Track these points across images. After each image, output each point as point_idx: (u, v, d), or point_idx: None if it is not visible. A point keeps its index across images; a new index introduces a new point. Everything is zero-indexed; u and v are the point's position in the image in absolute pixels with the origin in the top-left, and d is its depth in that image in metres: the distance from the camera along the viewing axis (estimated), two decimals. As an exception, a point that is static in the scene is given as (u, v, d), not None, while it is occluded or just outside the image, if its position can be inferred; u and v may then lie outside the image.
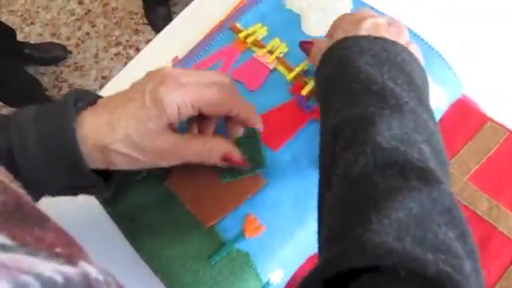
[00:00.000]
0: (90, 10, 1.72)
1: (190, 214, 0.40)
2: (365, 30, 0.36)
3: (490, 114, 0.46)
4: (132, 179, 0.42)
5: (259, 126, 0.40)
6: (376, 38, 0.35)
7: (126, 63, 1.57)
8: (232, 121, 0.39)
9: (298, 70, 0.45)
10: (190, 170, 0.42)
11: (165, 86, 0.34)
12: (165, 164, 0.37)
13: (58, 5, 1.75)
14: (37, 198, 0.35)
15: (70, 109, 0.34)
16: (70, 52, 1.63)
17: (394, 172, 0.27)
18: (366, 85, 0.32)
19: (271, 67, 0.45)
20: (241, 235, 0.39)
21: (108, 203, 0.42)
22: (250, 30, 0.48)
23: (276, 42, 0.46)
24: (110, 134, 0.34)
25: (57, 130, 0.33)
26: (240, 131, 0.40)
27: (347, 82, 0.33)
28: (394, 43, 0.35)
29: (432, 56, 0.44)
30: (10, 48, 1.47)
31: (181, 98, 0.35)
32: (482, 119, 0.45)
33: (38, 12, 1.74)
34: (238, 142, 0.40)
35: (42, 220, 0.19)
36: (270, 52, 0.46)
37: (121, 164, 0.35)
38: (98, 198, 0.41)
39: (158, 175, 0.42)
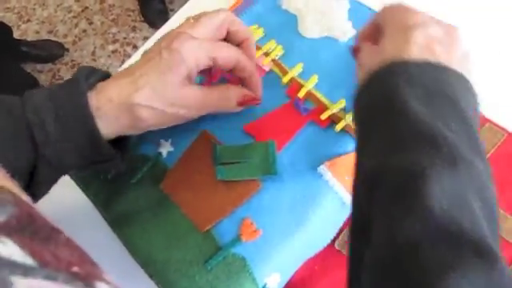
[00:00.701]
0: (86, 7, 1.72)
1: (185, 217, 0.40)
2: (417, 46, 0.32)
3: (488, 115, 0.46)
4: (127, 183, 0.41)
5: (259, 87, 0.41)
6: (427, 64, 0.31)
7: (123, 60, 1.57)
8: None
9: (293, 72, 0.44)
10: (185, 173, 0.42)
11: (178, 39, 0.36)
12: (189, 115, 0.38)
13: (54, 2, 1.74)
14: (57, 177, 0.37)
15: (82, 84, 0.35)
16: (67, 49, 1.63)
17: (446, 245, 0.24)
18: (415, 127, 0.28)
19: (267, 69, 0.45)
20: (237, 239, 0.39)
21: (103, 207, 0.42)
22: (246, 31, 0.47)
23: (272, 44, 0.46)
24: (134, 90, 0.35)
25: (72, 106, 0.34)
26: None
27: (392, 118, 0.30)
28: (447, 70, 0.31)
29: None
30: (7, 45, 1.47)
31: (197, 47, 0.37)
32: (481, 121, 0.45)
33: (34, 9, 1.73)
34: (252, 147, 0.40)
35: (54, 233, 0.19)
36: (266, 54, 0.45)
37: (148, 118, 0.36)
38: (94, 202, 0.41)
39: (153, 178, 0.41)
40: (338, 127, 0.41)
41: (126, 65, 0.59)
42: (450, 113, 0.29)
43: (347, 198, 0.40)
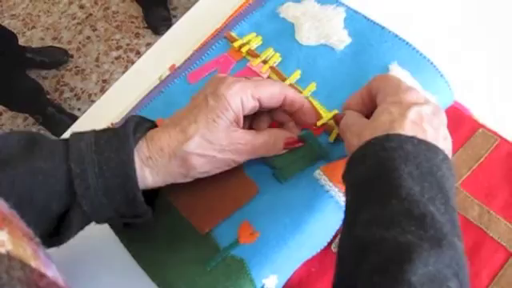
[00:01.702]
0: (90, 14, 1.74)
1: (185, 221, 0.41)
2: (411, 122, 0.33)
3: (482, 120, 0.47)
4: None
5: (313, 114, 0.42)
6: (420, 142, 0.32)
7: (126, 67, 1.59)
8: (286, 118, 0.42)
9: (291, 79, 0.45)
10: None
11: (223, 84, 0.37)
12: (240, 159, 0.39)
13: (59, 9, 1.76)
14: (87, 224, 0.37)
15: (131, 141, 0.35)
16: (71, 56, 1.65)
17: None
18: (407, 206, 0.30)
19: (265, 76, 0.46)
20: (236, 242, 0.40)
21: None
22: (245, 39, 0.48)
23: (270, 51, 0.47)
24: (184, 139, 0.36)
25: (117, 163, 0.34)
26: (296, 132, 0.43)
27: (385, 194, 0.31)
28: (437, 151, 0.33)
29: (423, 64, 0.44)
30: (12, 52, 1.49)
31: (241, 90, 0.37)
32: (474, 126, 0.46)
33: (39, 16, 1.75)
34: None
35: None
36: (264, 62, 0.47)
37: (200, 166, 0.37)
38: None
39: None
40: (331, 138, 0.42)
41: (131, 71, 0.60)
42: (438, 194, 0.31)
43: (342, 201, 0.41)
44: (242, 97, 0.37)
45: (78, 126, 0.54)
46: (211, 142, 0.37)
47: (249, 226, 0.40)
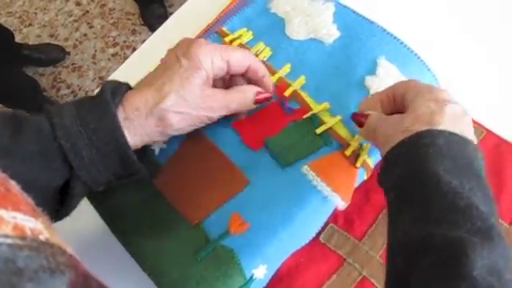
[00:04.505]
0: (87, 11, 1.74)
1: (176, 212, 0.42)
2: (448, 116, 0.34)
3: (469, 113, 0.47)
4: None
5: (271, 86, 0.43)
6: (451, 135, 0.33)
7: (123, 63, 1.59)
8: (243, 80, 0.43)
9: (280, 72, 0.46)
10: (177, 169, 0.44)
11: (194, 44, 0.39)
12: (214, 115, 0.40)
13: (55, 6, 1.76)
14: (89, 192, 0.38)
15: (112, 106, 0.36)
16: (68, 53, 1.65)
17: None
18: (450, 199, 0.30)
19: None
20: (226, 232, 0.41)
21: (97, 202, 0.44)
22: (236, 34, 0.49)
23: (260, 45, 0.48)
24: (160, 97, 0.37)
25: (105, 131, 0.35)
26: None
27: (426, 191, 0.32)
28: (470, 144, 0.34)
29: (410, 57, 0.45)
30: (9, 49, 1.49)
31: (212, 51, 0.39)
32: (461, 119, 0.46)
33: (35, 13, 1.75)
34: (295, 128, 0.43)
35: None
36: (255, 55, 0.47)
37: (176, 123, 0.39)
38: (88, 198, 0.43)
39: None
40: (319, 130, 0.43)
41: (125, 65, 0.61)
42: (477, 184, 0.31)
43: (329, 194, 0.41)
44: (212, 57, 0.39)
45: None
46: (186, 100, 0.38)
47: (239, 217, 0.41)
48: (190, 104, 0.38)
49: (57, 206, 0.37)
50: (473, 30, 0.54)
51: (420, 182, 0.32)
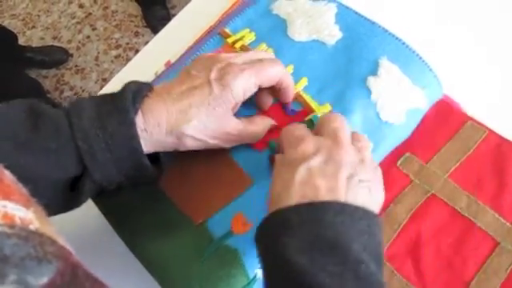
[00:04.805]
0: (90, 14, 1.75)
1: (180, 211, 0.42)
2: (299, 185, 0.33)
3: (471, 113, 0.47)
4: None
5: (291, 97, 0.44)
6: (307, 207, 0.32)
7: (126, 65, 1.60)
8: (268, 92, 0.43)
9: (283, 73, 0.46)
10: (180, 169, 0.44)
11: (229, 74, 0.38)
12: (226, 146, 0.41)
13: (58, 8, 1.77)
14: (99, 190, 0.39)
15: (131, 112, 0.36)
16: (71, 55, 1.66)
17: None
18: (297, 279, 0.30)
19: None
20: (229, 232, 0.41)
21: (101, 202, 0.44)
22: (239, 35, 0.49)
23: (263, 47, 0.48)
24: (183, 120, 0.37)
25: (121, 137, 0.35)
26: (270, 103, 0.44)
27: (278, 270, 0.32)
28: (327, 207, 0.32)
29: (412, 58, 0.45)
30: (12, 52, 1.50)
31: (246, 80, 0.38)
32: (463, 119, 0.47)
33: (39, 16, 1.77)
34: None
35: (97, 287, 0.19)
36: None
37: (191, 146, 0.39)
38: (93, 198, 0.43)
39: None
40: None
41: (128, 67, 0.61)
42: (330, 258, 0.30)
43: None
44: (245, 87, 0.39)
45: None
46: (207, 128, 0.38)
47: (242, 218, 0.41)
48: (209, 133, 0.39)
49: (66, 198, 0.38)
50: (477, 28, 0.55)
51: (273, 262, 0.32)
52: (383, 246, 0.36)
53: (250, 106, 0.44)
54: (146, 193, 0.43)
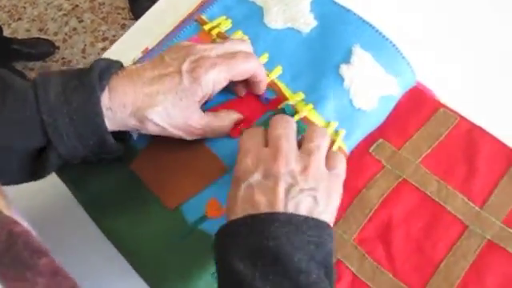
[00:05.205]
0: (77, 6, 1.73)
1: (154, 196, 0.42)
2: (241, 202, 0.34)
3: (444, 100, 0.48)
4: (97, 164, 0.44)
5: (263, 91, 0.44)
6: (248, 221, 0.33)
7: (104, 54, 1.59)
8: (241, 83, 0.44)
9: (257, 60, 0.47)
10: (155, 154, 0.44)
11: (201, 67, 0.38)
12: (188, 138, 0.41)
13: (45, 0, 1.76)
14: (64, 164, 0.39)
15: (97, 90, 0.36)
16: (58, 47, 1.64)
17: None
18: (238, 286, 0.31)
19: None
20: (203, 217, 0.41)
21: (75, 187, 0.44)
22: (215, 22, 0.50)
23: (239, 34, 0.48)
24: (149, 105, 0.38)
25: (86, 115, 0.36)
26: (244, 91, 0.45)
27: (224, 279, 0.33)
28: (268, 219, 0.33)
29: (385, 46, 0.46)
30: (-3, 44, 1.49)
31: (216, 76, 0.39)
32: (435, 106, 0.47)
33: (25, 7, 1.75)
34: (266, 119, 0.44)
35: (34, 259, 0.19)
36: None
37: (152, 131, 0.40)
38: (66, 182, 0.44)
39: (123, 159, 0.44)
40: (295, 118, 0.44)
41: (106, 55, 0.61)
42: (271, 267, 0.31)
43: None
44: (215, 81, 0.39)
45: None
46: (170, 117, 0.39)
47: (216, 203, 0.42)
48: (171, 122, 0.39)
49: (31, 168, 0.38)
50: (451, 17, 0.55)
51: (222, 274, 0.33)
52: (334, 255, 0.36)
53: (227, 93, 0.45)
54: (121, 178, 0.44)
